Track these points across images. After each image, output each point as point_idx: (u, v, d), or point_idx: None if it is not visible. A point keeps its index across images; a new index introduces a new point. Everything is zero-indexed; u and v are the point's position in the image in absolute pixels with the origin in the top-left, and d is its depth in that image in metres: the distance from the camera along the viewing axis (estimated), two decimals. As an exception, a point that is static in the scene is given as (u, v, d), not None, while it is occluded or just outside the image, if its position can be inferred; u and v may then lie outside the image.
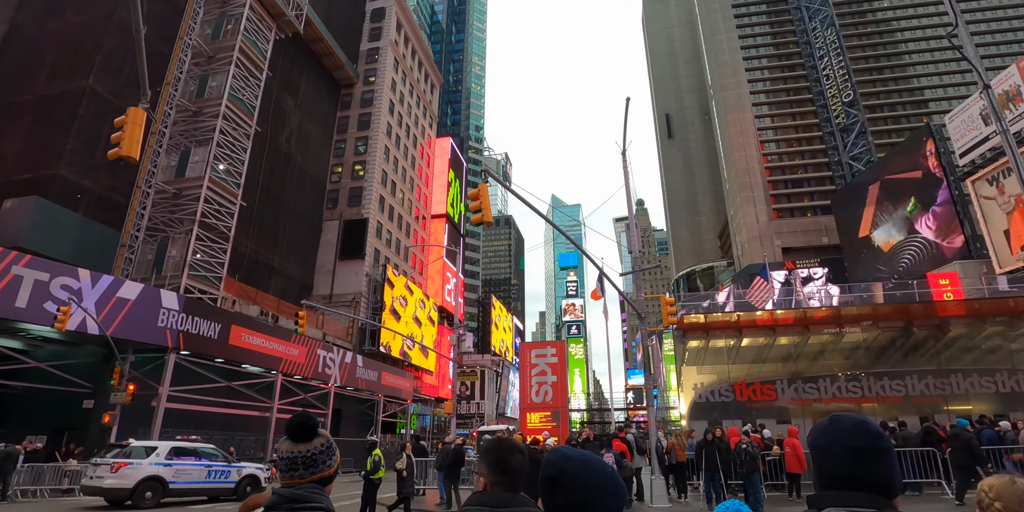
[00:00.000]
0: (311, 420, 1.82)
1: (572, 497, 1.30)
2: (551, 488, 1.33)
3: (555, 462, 1.36)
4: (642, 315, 13.20)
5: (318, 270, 45.36)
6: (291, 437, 1.78)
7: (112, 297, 18.89)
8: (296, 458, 1.75)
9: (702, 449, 10.78)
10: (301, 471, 1.74)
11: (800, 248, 76.14)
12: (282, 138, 42.62)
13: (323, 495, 1.73)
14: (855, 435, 1.19)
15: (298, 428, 1.78)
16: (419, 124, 62.51)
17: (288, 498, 1.66)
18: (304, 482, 1.74)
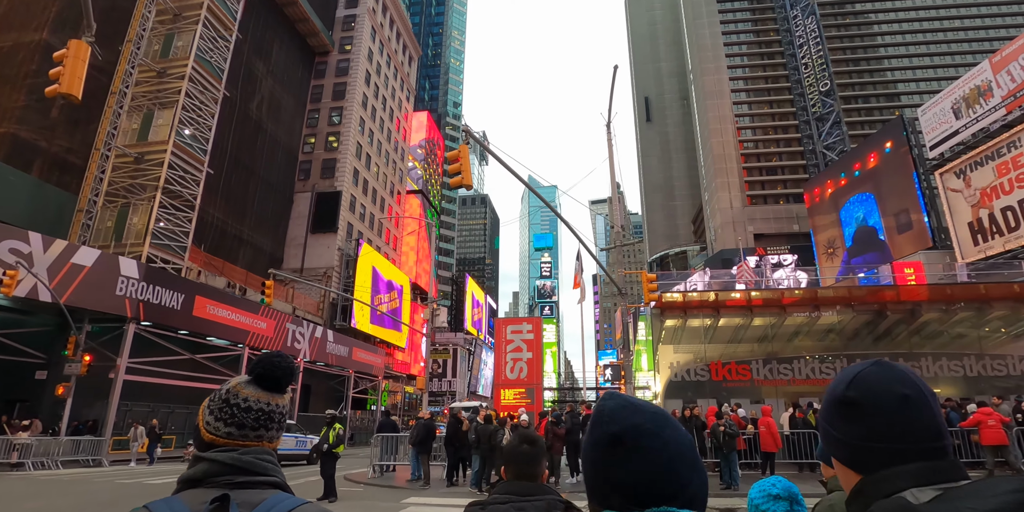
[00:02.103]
0: (289, 363, 1.30)
1: (650, 465, 0.82)
2: (614, 451, 0.83)
3: (616, 412, 0.86)
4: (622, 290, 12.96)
5: (289, 243, 44.23)
6: (266, 383, 1.24)
7: (66, 263, 17.91)
8: (273, 413, 1.23)
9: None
10: (273, 433, 1.23)
11: (772, 235, 77.40)
12: (252, 105, 41.00)
13: (277, 464, 1.20)
14: (903, 381, 0.81)
15: (282, 373, 1.26)
16: (396, 96, 60.96)
17: (235, 467, 1.11)
18: (269, 446, 1.23)
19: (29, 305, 18.36)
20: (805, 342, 16.71)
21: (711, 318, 16.24)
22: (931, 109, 47.10)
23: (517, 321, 15.59)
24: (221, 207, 36.16)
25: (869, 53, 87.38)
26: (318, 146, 48.46)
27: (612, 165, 12.00)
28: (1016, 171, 37.23)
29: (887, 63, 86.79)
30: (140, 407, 20.01)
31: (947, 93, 46.97)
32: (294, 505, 1.07)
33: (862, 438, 0.79)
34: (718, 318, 16.17)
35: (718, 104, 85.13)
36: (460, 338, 61.91)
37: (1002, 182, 39.93)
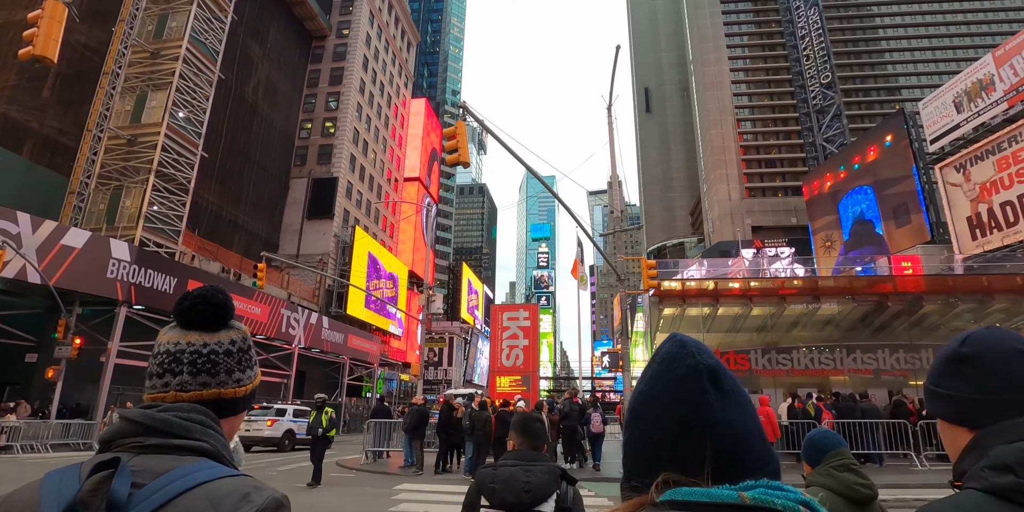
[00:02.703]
0: (222, 295, 1.01)
1: (743, 417, 0.64)
2: (708, 391, 0.64)
3: (702, 347, 0.70)
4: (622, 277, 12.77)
5: (284, 229, 43.88)
6: (182, 318, 0.99)
7: (56, 244, 17.60)
8: (182, 354, 0.95)
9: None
10: (185, 377, 0.94)
11: (770, 227, 77.34)
12: (248, 89, 40.44)
13: (213, 426, 0.91)
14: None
15: (196, 304, 0.98)
16: (394, 83, 60.31)
17: (145, 426, 0.86)
18: (185, 398, 0.93)
19: (18, 287, 18.07)
20: (804, 332, 16.58)
21: (710, 307, 16.08)
22: (932, 102, 46.85)
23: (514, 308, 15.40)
24: (216, 191, 35.77)
25: (871, 46, 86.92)
26: (314, 132, 47.95)
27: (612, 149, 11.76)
28: (1016, 166, 37.07)
29: (888, 56, 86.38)
30: (132, 391, 19.79)
31: (949, 87, 46.72)
32: (202, 480, 0.81)
33: (977, 391, 0.77)
34: (717, 307, 16.01)
35: (718, 95, 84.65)
36: (456, 327, 61.81)
37: (1002, 177, 39.80)
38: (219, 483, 0.80)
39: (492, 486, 2.22)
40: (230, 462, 0.89)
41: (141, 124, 28.60)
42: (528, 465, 2.24)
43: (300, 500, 9.25)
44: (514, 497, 2.18)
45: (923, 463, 11.62)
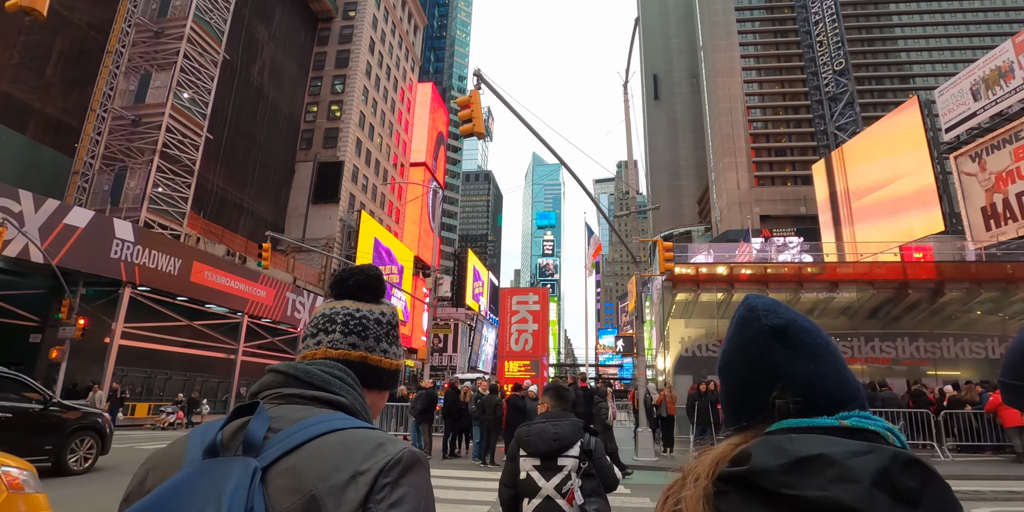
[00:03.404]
0: (376, 272, 1.09)
1: (819, 364, 0.71)
2: (778, 347, 0.72)
3: (772, 306, 0.77)
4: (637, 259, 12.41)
5: (290, 213, 43.60)
6: (338, 288, 1.07)
7: (58, 223, 17.34)
8: (336, 315, 1.00)
9: (694, 402, 10.20)
10: (336, 336, 0.98)
11: (778, 216, 76.66)
12: (254, 70, 39.92)
13: (352, 385, 0.92)
14: None
15: (354, 274, 1.07)
16: (400, 66, 59.57)
17: (288, 376, 0.90)
18: (333, 355, 0.95)
19: (21, 266, 17.86)
20: (821, 320, 16.15)
21: (724, 293, 15.70)
22: (948, 90, 45.98)
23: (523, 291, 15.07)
24: (221, 174, 35.46)
25: (885, 33, 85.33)
26: (320, 115, 47.45)
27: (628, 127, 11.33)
28: (1034, 155, 36.32)
29: (902, 43, 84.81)
30: (136, 373, 19.69)
31: (966, 74, 45.80)
32: (336, 427, 0.82)
33: None
34: (731, 293, 15.63)
35: (728, 82, 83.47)
36: (461, 313, 61.68)
37: (1019, 166, 39.07)
38: (353, 431, 0.83)
39: (527, 439, 2.83)
40: (368, 419, 0.91)
41: (145, 104, 28.26)
42: (556, 421, 2.86)
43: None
44: (545, 445, 2.78)
45: (946, 454, 11.31)
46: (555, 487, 2.70)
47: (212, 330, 24.13)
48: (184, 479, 0.76)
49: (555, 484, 2.71)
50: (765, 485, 0.59)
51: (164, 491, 0.75)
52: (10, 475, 3.35)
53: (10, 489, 3.25)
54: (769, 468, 0.60)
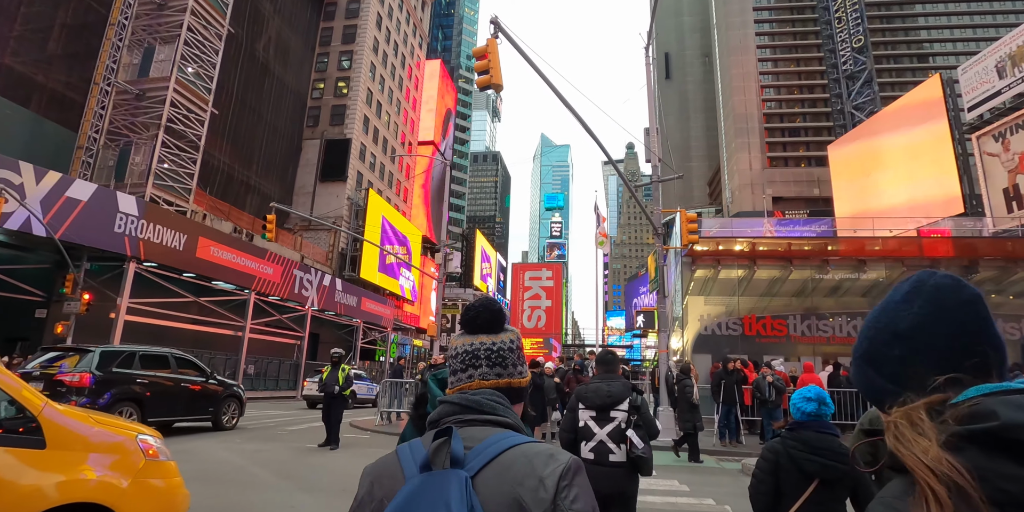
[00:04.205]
0: (497, 306, 1.30)
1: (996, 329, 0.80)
2: (983, 313, 0.80)
3: (962, 279, 0.85)
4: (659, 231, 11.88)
5: (297, 191, 43.15)
6: (470, 326, 1.28)
7: (61, 196, 16.94)
8: (478, 351, 1.23)
9: (720, 381, 9.74)
10: (484, 369, 1.22)
11: (791, 198, 75.45)
12: (259, 45, 39.13)
13: (508, 406, 1.18)
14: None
15: (480, 312, 1.27)
16: (408, 43, 58.41)
17: (462, 406, 1.15)
18: (486, 385, 1.20)
19: (24, 240, 17.54)
20: (846, 299, 15.63)
21: (746, 269, 15.16)
22: (972, 68, 44.59)
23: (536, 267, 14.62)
24: (227, 151, 34.98)
25: (905, 10, 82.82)
26: (327, 92, 46.67)
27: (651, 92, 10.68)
28: (1063, 133, 35.23)
29: (921, 21, 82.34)
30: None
31: (991, 50, 44.37)
32: (515, 443, 1.06)
33: None
34: (753, 270, 15.09)
35: (742, 61, 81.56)
36: (469, 294, 61.41)
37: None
38: (529, 446, 1.06)
39: (586, 395, 3.50)
40: (526, 433, 1.13)
41: (149, 78, 27.72)
42: (609, 382, 3.55)
43: (313, 462, 8.69)
44: (600, 400, 3.44)
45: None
46: (607, 433, 3.36)
47: (219, 307, 23.88)
48: (415, 490, 0.99)
49: (608, 431, 3.37)
50: (1022, 437, 0.63)
51: (403, 500, 0.98)
52: (147, 443, 3.61)
53: (147, 457, 3.51)
54: (1023, 422, 0.63)
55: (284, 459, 8.83)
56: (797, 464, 2.53)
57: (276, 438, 11.61)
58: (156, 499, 3.53)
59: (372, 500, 1.07)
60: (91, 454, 3.21)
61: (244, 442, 10.60)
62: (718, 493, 6.81)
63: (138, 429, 3.75)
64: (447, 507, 0.94)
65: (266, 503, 6.05)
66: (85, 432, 3.26)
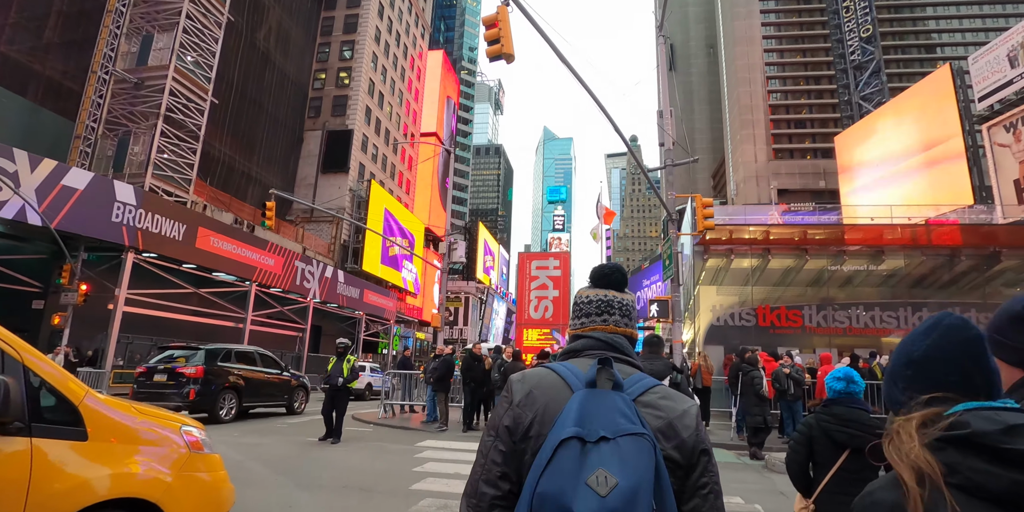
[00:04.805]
0: (624, 270, 1.53)
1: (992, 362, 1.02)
2: (984, 349, 1.02)
3: (970, 321, 1.07)
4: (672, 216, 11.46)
5: (299, 183, 42.74)
6: (602, 281, 1.49)
7: (56, 185, 16.57)
8: (612, 302, 1.44)
9: (737, 372, 9.35)
10: (617, 317, 1.43)
11: (796, 190, 74.79)
12: (259, 35, 38.59)
13: (633, 351, 1.41)
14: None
15: (614, 271, 1.50)
16: (410, 33, 57.76)
17: (607, 344, 1.38)
18: (618, 331, 1.41)
19: (20, 230, 17.19)
20: (863, 288, 15.19)
21: (760, 258, 14.72)
22: (983, 57, 43.84)
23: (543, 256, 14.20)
24: (228, 142, 34.56)
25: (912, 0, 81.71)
26: (329, 82, 46.14)
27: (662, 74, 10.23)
28: (1076, 123, 34.60)
29: (930, 11, 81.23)
30: (142, 340, 19.16)
31: (1003, 40, 43.59)
32: (656, 383, 1.30)
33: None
34: (767, 259, 14.65)
35: (748, 51, 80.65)
36: (472, 287, 61.10)
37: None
38: (665, 387, 1.30)
39: None
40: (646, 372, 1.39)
41: (148, 67, 27.30)
42: (652, 361, 4.52)
43: (314, 457, 8.33)
44: None
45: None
46: None
47: (220, 298, 23.55)
48: (588, 398, 1.18)
49: None
50: (985, 442, 0.83)
51: (579, 404, 1.17)
52: (192, 434, 3.54)
53: (191, 449, 3.43)
54: (989, 431, 0.83)
55: (283, 454, 8.49)
56: (829, 435, 2.81)
57: (276, 431, 11.27)
58: (202, 493, 3.42)
59: (534, 404, 1.24)
60: (136, 446, 3.07)
61: (242, 436, 10.27)
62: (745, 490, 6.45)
63: (182, 420, 3.61)
64: (624, 415, 1.14)
65: (262, 502, 5.69)
66: (129, 423, 3.08)
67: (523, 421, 1.23)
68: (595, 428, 1.13)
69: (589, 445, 1.11)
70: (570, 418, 1.16)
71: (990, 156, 43.24)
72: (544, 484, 1.10)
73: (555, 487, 1.09)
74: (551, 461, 1.12)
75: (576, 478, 1.08)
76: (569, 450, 1.12)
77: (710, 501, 1.21)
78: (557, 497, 1.08)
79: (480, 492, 1.24)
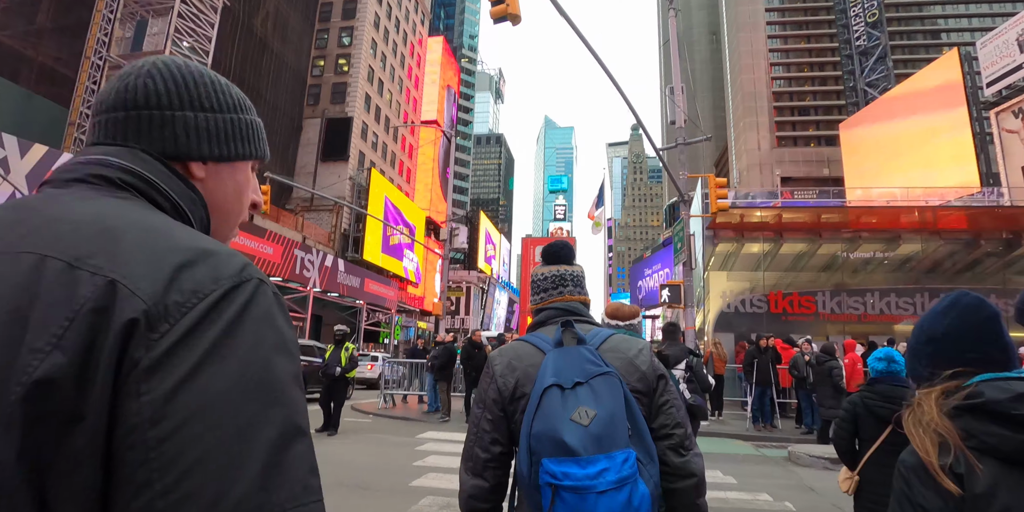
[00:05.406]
0: (571, 245, 1.77)
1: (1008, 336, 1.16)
2: (1000, 324, 1.14)
3: (985, 300, 1.20)
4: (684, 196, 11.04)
5: (298, 171, 42.26)
6: (553, 258, 1.74)
7: (47, 171, 15.94)
8: (565, 275, 1.69)
9: (753, 359, 8.97)
10: (571, 288, 1.68)
11: (800, 178, 74.31)
12: (257, 21, 37.94)
13: (589, 313, 1.68)
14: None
15: (562, 248, 1.74)
16: (410, 19, 56.91)
17: (565, 311, 1.62)
18: (572, 299, 1.66)
19: (12, 217, 16.80)
20: (878, 274, 14.76)
21: (772, 243, 14.28)
22: (992, 41, 43.09)
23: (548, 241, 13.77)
24: (225, 129, 34.06)
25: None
26: (327, 69, 45.48)
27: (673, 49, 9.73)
28: (1087, 109, 34.01)
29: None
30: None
31: (1012, 24, 42.86)
32: (611, 333, 1.56)
33: None
34: (780, 243, 14.22)
35: (751, 38, 79.72)
36: (473, 276, 60.80)
37: (1067, 122, 36.67)
38: (620, 335, 1.57)
39: None
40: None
41: (143, 52, 26.88)
42: (670, 346, 4.89)
43: (313, 447, 7.97)
44: (662, 361, 3.77)
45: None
46: None
47: (218, 288, 23.20)
48: (559, 355, 1.42)
49: None
50: (998, 409, 0.95)
51: (552, 361, 1.41)
52: None
53: None
54: (1000, 399, 0.95)
55: (281, 445, 8.12)
56: (872, 412, 2.97)
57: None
58: None
59: (514, 370, 1.47)
60: None
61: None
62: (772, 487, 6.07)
63: None
64: (590, 362, 1.39)
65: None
66: None
67: (509, 386, 1.45)
68: (569, 376, 1.37)
69: (567, 391, 1.35)
70: (548, 373, 1.39)
71: (998, 142, 42.74)
72: (537, 425, 1.32)
73: (547, 426, 1.30)
74: (539, 407, 1.33)
75: (562, 416, 1.31)
76: (551, 396, 1.34)
77: (672, 413, 1.47)
78: (550, 433, 1.29)
79: (475, 456, 1.45)
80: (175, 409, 0.48)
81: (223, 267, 0.57)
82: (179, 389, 0.48)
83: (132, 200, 0.64)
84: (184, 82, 0.73)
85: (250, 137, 0.81)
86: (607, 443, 1.26)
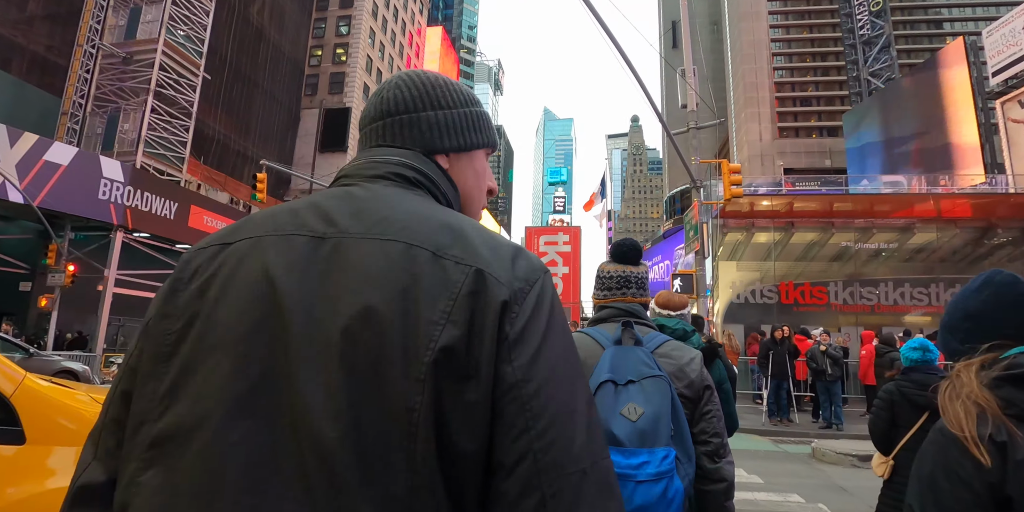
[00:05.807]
0: (639, 245, 1.84)
1: None
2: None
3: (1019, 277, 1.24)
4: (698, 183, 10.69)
5: (296, 162, 41.81)
6: (621, 258, 1.82)
7: (38, 160, 15.74)
8: (630, 276, 1.79)
9: (769, 351, 8.66)
10: (634, 290, 1.78)
11: (802, 170, 73.86)
12: (253, 10, 37.32)
13: (646, 316, 1.79)
14: None
15: (630, 249, 1.82)
16: (408, 8, 56.24)
17: (625, 312, 1.73)
18: (635, 301, 1.77)
19: (1, 208, 16.43)
20: (891, 264, 14.43)
21: (783, 232, 13.95)
22: (998, 30, 42.53)
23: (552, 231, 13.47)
24: (223, 120, 33.57)
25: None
26: (325, 59, 44.91)
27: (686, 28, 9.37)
28: (1095, 98, 33.57)
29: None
30: (134, 323, 18.57)
31: (1019, 11, 42.25)
32: (668, 338, 1.68)
33: None
34: (791, 232, 13.88)
35: (753, 27, 79.02)
36: (474, 269, 60.46)
37: (1074, 112, 36.23)
38: (675, 341, 1.69)
39: None
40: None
41: (136, 41, 26.29)
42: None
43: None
44: None
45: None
46: None
47: (215, 280, 22.87)
48: (617, 352, 1.53)
49: None
50: None
51: (611, 357, 1.52)
52: None
53: None
54: None
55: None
56: (908, 399, 3.05)
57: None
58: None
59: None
60: None
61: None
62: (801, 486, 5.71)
63: None
64: (645, 363, 1.49)
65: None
66: (84, 419, 2.38)
67: None
68: (623, 374, 1.47)
69: (620, 387, 1.45)
70: (604, 368, 1.50)
71: (1003, 132, 42.32)
72: None
73: None
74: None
75: (613, 410, 1.40)
76: (605, 391, 1.44)
77: (712, 422, 1.57)
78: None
79: None
80: (536, 372, 0.61)
81: (533, 259, 0.70)
82: (536, 357, 0.61)
83: (426, 197, 0.76)
84: (424, 87, 0.84)
85: (481, 127, 0.88)
86: (651, 439, 1.36)
